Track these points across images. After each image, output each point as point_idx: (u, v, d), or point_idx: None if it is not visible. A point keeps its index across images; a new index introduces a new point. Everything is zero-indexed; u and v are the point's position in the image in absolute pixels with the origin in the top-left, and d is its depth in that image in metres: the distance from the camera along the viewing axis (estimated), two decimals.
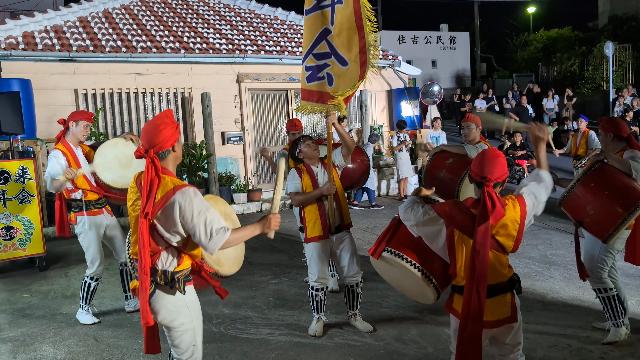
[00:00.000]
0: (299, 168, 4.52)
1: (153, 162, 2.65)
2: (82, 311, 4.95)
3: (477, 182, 2.84)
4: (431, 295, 3.07)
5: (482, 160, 2.80)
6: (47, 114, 9.47)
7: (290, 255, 7.07)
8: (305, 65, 4.45)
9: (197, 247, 2.82)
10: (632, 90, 16.30)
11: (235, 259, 3.31)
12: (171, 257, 2.75)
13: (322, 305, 4.54)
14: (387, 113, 13.63)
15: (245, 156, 11.44)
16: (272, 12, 14.16)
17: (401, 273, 3.13)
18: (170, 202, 2.61)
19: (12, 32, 9.85)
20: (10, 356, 4.31)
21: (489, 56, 36.91)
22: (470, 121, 5.13)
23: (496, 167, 2.76)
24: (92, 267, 4.86)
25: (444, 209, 2.84)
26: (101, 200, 4.92)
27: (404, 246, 3.07)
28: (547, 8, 37.00)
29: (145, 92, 10.53)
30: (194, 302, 2.91)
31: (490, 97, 18.29)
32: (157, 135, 2.68)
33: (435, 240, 2.91)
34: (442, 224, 2.84)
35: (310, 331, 4.51)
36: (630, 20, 21.62)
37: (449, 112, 23.58)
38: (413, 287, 3.15)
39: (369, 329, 4.52)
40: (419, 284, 3.06)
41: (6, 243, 6.58)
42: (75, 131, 4.81)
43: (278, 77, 11.68)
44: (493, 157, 2.80)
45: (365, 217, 9.42)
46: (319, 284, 4.50)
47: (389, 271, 3.25)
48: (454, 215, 2.79)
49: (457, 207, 2.82)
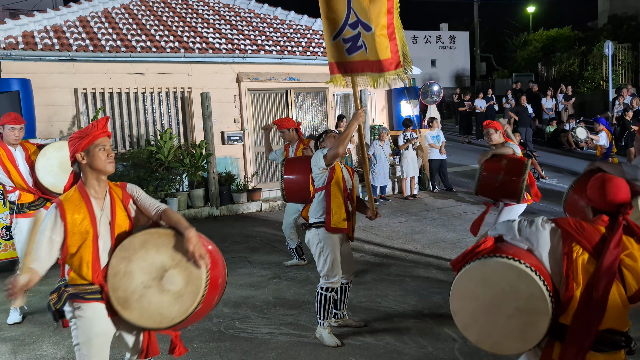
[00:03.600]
0: None
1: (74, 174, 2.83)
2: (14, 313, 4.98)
3: (607, 213, 2.42)
4: (543, 325, 2.30)
5: (607, 188, 2.42)
6: (46, 113, 9.47)
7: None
8: (343, 38, 4.38)
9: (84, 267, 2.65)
10: (631, 89, 16.31)
11: (158, 315, 2.60)
12: (65, 268, 2.77)
13: (330, 310, 4.30)
14: (387, 113, 13.63)
15: (245, 156, 11.43)
16: (272, 11, 14.16)
17: (505, 289, 2.37)
18: None
19: (11, 31, 9.84)
20: (11, 356, 4.31)
21: (489, 56, 36.92)
22: (488, 127, 5.63)
23: (625, 192, 2.42)
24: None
25: (565, 220, 2.41)
26: (37, 202, 4.88)
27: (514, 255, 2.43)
28: (546, 8, 37.05)
29: (145, 92, 10.53)
30: (86, 322, 2.67)
31: (490, 97, 18.31)
32: (71, 151, 2.76)
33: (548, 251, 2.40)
34: (560, 238, 2.38)
35: (331, 343, 4.20)
36: (630, 20, 21.63)
37: (449, 112, 23.59)
38: (517, 318, 2.35)
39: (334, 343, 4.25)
40: (532, 303, 2.30)
41: (6, 243, 6.58)
42: (5, 134, 4.85)
43: (278, 77, 11.68)
44: (617, 182, 2.44)
45: (364, 216, 9.40)
46: (333, 284, 4.22)
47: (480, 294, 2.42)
48: (579, 228, 2.37)
49: (582, 222, 2.41)
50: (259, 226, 9.15)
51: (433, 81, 15.21)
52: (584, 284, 2.31)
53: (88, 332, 2.67)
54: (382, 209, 10.23)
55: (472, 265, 2.44)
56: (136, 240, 2.65)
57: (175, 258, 2.62)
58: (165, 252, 2.63)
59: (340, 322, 4.61)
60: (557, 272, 2.37)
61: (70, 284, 2.69)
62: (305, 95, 12.19)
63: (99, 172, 2.72)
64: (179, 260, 2.61)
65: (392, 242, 7.78)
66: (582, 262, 2.32)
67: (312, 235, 4.31)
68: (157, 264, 2.61)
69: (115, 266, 2.62)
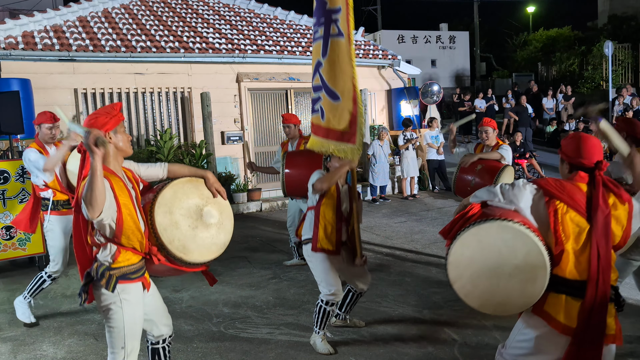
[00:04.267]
0: None
1: (84, 153, 2.71)
2: (24, 302, 4.92)
3: (583, 169, 2.54)
4: (543, 279, 2.38)
5: (585, 146, 2.53)
6: None
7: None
8: (312, 98, 4.33)
9: (135, 239, 2.78)
10: (631, 89, 16.31)
11: (213, 245, 2.98)
12: (108, 252, 2.76)
13: (327, 321, 4.24)
14: (387, 112, 13.63)
15: (244, 156, 11.43)
16: (272, 11, 14.16)
17: (502, 250, 2.41)
18: None
19: (11, 31, 9.84)
20: (11, 356, 4.31)
21: (489, 56, 36.95)
22: (487, 125, 5.61)
23: (600, 151, 2.56)
24: (53, 265, 4.87)
25: (545, 181, 2.52)
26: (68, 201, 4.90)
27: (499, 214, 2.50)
28: (546, 7, 37.05)
29: (144, 92, 10.53)
30: (131, 303, 2.81)
31: (490, 97, 18.31)
32: (92, 124, 2.73)
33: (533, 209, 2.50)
34: (541, 196, 2.49)
35: (324, 350, 4.15)
36: (630, 20, 21.63)
37: (449, 112, 23.60)
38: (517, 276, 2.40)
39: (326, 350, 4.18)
40: (530, 258, 2.37)
41: (6, 243, 6.58)
42: (41, 133, 4.87)
43: (278, 77, 11.68)
44: (594, 141, 2.57)
45: (365, 216, 9.39)
46: (334, 297, 4.14)
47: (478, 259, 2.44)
48: (560, 187, 2.47)
49: (561, 181, 2.53)
50: (259, 226, 9.15)
51: (433, 81, 15.22)
52: (573, 238, 2.43)
53: (134, 311, 2.81)
54: (382, 209, 10.23)
55: (466, 231, 2.46)
56: (167, 194, 2.88)
57: (203, 197, 2.99)
58: (194, 195, 2.96)
59: (340, 322, 4.61)
60: (544, 228, 2.47)
61: (114, 267, 2.75)
62: (305, 95, 12.19)
63: (123, 152, 2.85)
64: (207, 197, 3.00)
65: (392, 242, 7.78)
66: (569, 218, 2.44)
67: (305, 251, 4.28)
68: (192, 207, 2.92)
69: (162, 222, 2.81)
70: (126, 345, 2.81)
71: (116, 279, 2.74)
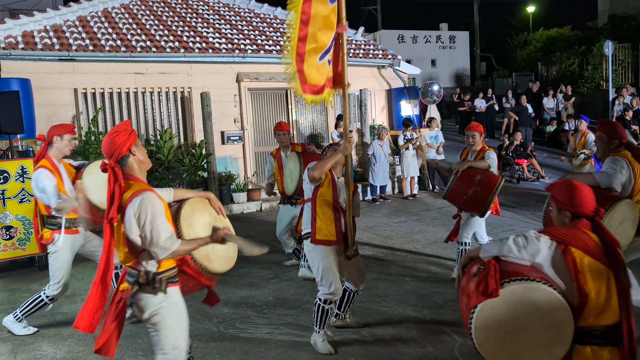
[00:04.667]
0: None
1: (113, 170, 2.82)
2: (18, 324, 4.69)
3: (584, 217, 2.59)
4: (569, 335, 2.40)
5: (581, 195, 2.58)
6: (46, 113, 9.47)
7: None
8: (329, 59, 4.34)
9: None
10: (630, 89, 16.31)
11: (227, 258, 3.30)
12: (150, 258, 2.86)
13: (327, 320, 4.24)
14: (387, 112, 13.63)
15: (244, 156, 11.43)
16: (272, 11, 14.16)
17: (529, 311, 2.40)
18: (129, 207, 2.78)
19: (11, 31, 9.84)
20: (10, 356, 4.31)
21: (489, 55, 36.95)
22: (475, 130, 5.66)
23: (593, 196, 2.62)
24: (55, 287, 4.59)
25: (557, 230, 2.52)
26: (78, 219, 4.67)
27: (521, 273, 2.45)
28: (546, 7, 37.08)
29: (144, 92, 10.52)
30: (176, 304, 2.98)
31: (490, 97, 18.30)
32: (112, 144, 2.85)
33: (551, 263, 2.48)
34: (556, 247, 2.47)
35: (324, 350, 4.14)
36: (630, 20, 21.61)
37: (449, 112, 23.59)
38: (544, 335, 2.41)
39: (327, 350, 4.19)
40: (556, 316, 2.38)
41: (6, 243, 6.58)
42: (60, 146, 4.59)
43: (278, 77, 11.67)
44: (586, 188, 2.61)
45: (365, 216, 9.41)
46: (332, 296, 4.13)
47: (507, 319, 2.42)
48: (572, 235, 2.48)
49: (570, 229, 2.53)
50: (258, 226, 9.15)
51: (433, 81, 15.21)
52: (596, 285, 2.40)
53: (180, 311, 3.00)
54: (382, 209, 10.23)
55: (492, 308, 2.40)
56: (187, 210, 3.16)
57: (211, 214, 3.31)
58: (205, 212, 3.28)
59: (340, 322, 4.61)
60: (566, 280, 2.44)
61: (160, 271, 2.90)
62: None
63: (146, 165, 3.02)
64: (214, 215, 3.32)
65: (392, 242, 7.78)
66: (587, 264, 2.42)
67: (305, 245, 4.28)
68: (206, 222, 3.21)
69: (187, 234, 3.05)
70: (178, 345, 2.96)
71: (166, 281, 2.90)
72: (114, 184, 2.80)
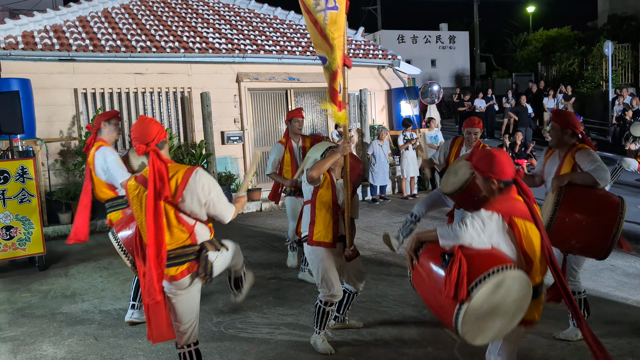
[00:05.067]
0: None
1: (157, 153, 3.00)
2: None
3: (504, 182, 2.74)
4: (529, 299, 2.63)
5: (502, 161, 2.74)
6: (46, 113, 9.47)
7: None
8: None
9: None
10: (630, 89, 16.33)
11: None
12: (204, 228, 3.15)
13: (327, 321, 4.23)
14: (387, 112, 13.63)
15: (244, 156, 11.44)
16: (272, 11, 14.17)
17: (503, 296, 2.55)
18: (190, 182, 2.98)
19: (11, 31, 9.84)
20: (11, 355, 4.31)
21: (489, 55, 36.95)
22: (478, 127, 5.50)
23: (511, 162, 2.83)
24: None
25: (498, 203, 2.67)
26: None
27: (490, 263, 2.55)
28: (546, 7, 37.07)
29: (144, 92, 10.53)
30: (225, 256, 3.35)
31: (490, 97, 18.31)
32: (151, 130, 3.05)
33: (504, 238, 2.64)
34: (500, 219, 2.61)
35: (324, 350, 4.13)
36: (630, 20, 21.62)
37: (449, 112, 23.59)
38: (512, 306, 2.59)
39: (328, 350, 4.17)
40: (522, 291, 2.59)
41: (6, 243, 6.58)
42: (108, 130, 4.62)
43: (277, 77, 11.69)
44: (505, 154, 2.80)
45: (364, 216, 9.41)
46: (333, 297, 4.11)
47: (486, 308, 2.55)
48: (512, 205, 2.66)
49: (511, 200, 2.70)
50: (258, 226, 9.15)
51: (433, 81, 15.22)
52: (535, 247, 2.65)
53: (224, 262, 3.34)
54: (382, 209, 10.23)
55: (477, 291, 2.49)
56: None
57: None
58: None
59: (339, 324, 4.60)
60: (513, 249, 2.64)
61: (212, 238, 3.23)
62: (305, 95, 12.20)
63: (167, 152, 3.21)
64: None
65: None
66: (527, 229, 2.63)
67: (305, 248, 4.25)
68: None
69: None
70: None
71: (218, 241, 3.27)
72: (160, 164, 2.97)
